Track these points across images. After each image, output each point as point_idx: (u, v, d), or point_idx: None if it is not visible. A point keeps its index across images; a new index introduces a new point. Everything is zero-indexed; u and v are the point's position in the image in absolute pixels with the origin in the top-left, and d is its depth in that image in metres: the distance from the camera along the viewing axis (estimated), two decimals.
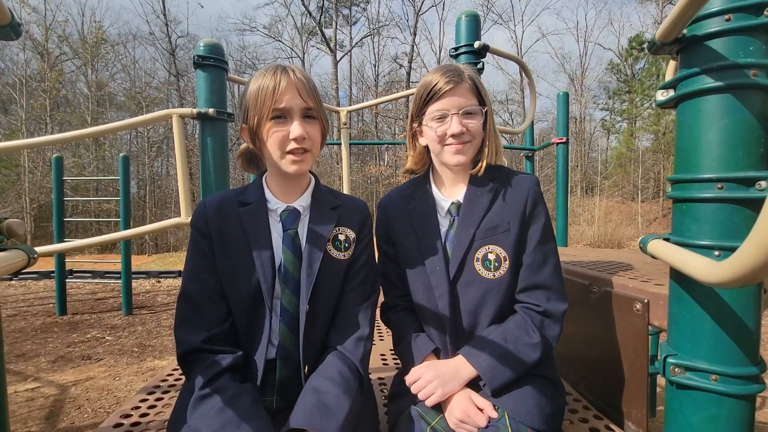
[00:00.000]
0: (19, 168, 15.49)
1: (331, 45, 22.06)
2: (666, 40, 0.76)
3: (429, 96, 0.91)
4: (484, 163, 0.93)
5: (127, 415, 1.07)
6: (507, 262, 0.89)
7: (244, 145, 0.91)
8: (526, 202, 0.90)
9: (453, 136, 0.89)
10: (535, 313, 0.88)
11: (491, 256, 0.89)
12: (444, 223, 0.95)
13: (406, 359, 0.93)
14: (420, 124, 0.96)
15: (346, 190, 3.18)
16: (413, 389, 0.84)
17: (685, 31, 0.74)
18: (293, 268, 0.82)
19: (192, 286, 0.80)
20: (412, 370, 0.88)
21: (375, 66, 23.93)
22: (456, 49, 2.08)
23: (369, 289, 0.91)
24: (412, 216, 0.97)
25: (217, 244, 0.82)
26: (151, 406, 1.13)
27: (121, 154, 5.21)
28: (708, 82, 0.71)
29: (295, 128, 0.78)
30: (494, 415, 0.79)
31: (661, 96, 0.80)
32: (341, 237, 0.88)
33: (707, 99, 0.72)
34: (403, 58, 23.30)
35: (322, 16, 22.29)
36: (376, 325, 2.04)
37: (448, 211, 0.95)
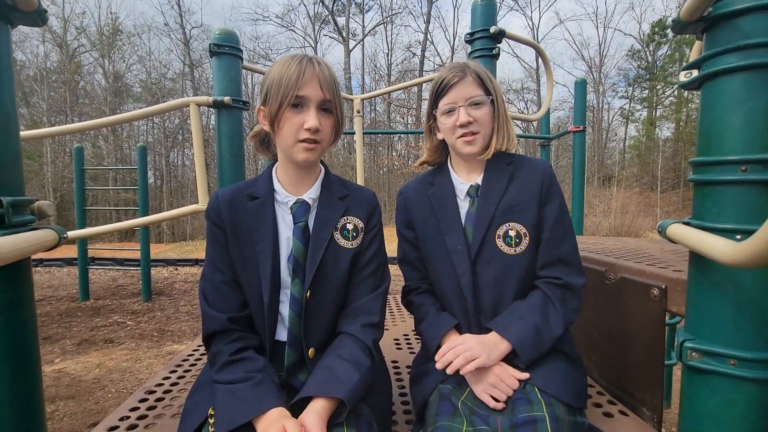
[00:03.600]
0: (42, 158, 15.93)
1: (344, 34, 21.91)
2: (691, 19, 0.74)
3: (438, 92, 0.97)
4: (492, 149, 0.96)
5: (151, 391, 1.11)
6: (527, 238, 0.93)
7: (258, 127, 0.92)
8: (542, 183, 0.95)
9: (461, 126, 0.93)
10: (556, 286, 0.91)
11: (512, 233, 0.93)
12: (464, 205, 0.99)
13: (428, 335, 0.95)
14: (435, 120, 1.01)
15: (359, 180, 3.18)
16: (453, 353, 0.84)
17: (710, 8, 0.72)
18: (302, 259, 0.84)
19: (214, 275, 0.84)
20: (453, 338, 0.90)
21: (388, 55, 23.70)
22: (471, 34, 2.05)
23: (380, 279, 0.92)
24: (432, 200, 1.01)
25: (230, 237, 0.85)
26: (174, 384, 1.17)
27: (138, 144, 5.31)
28: (734, 61, 0.69)
29: (311, 119, 0.79)
30: (525, 375, 0.83)
31: (685, 77, 0.78)
32: (349, 226, 0.89)
33: (733, 78, 0.70)
34: (417, 46, 23.02)
35: (335, 5, 22.12)
36: (388, 310, 2.07)
37: (468, 193, 0.99)
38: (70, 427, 2.32)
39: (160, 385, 1.16)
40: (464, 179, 1.01)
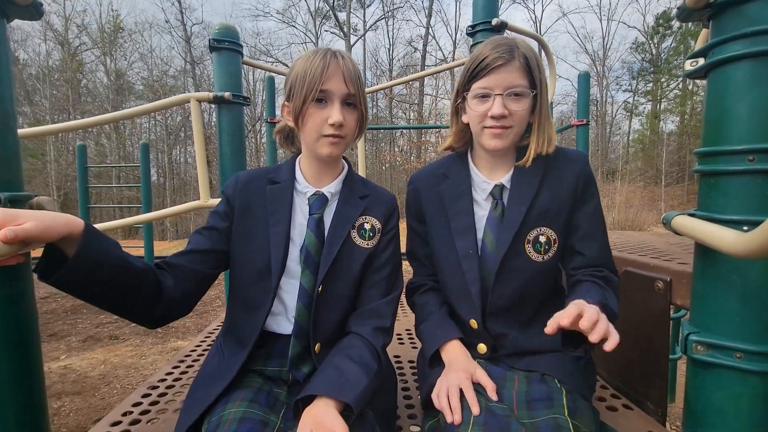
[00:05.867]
0: (45, 157, 16.00)
1: (345, 29, 21.81)
2: (697, 6, 0.72)
3: (475, 71, 0.84)
4: (533, 153, 0.86)
5: (154, 387, 1.12)
6: (556, 245, 0.88)
7: (282, 123, 0.92)
8: (577, 182, 0.87)
9: (493, 117, 0.82)
10: (599, 277, 0.86)
11: (542, 239, 0.87)
12: (485, 206, 0.91)
13: (427, 338, 0.92)
14: (464, 100, 0.89)
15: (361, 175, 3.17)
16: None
17: None
18: (315, 252, 0.83)
19: (194, 235, 0.86)
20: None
21: (389, 50, 23.60)
22: (473, 26, 2.02)
23: (393, 284, 0.91)
24: (444, 196, 0.94)
25: (239, 217, 0.85)
26: (177, 379, 1.18)
27: (141, 142, 5.32)
28: (741, 48, 0.67)
29: (335, 113, 0.79)
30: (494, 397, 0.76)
31: (690, 65, 0.77)
32: (367, 226, 0.89)
33: (740, 66, 0.68)
34: (418, 41, 22.91)
35: (336, 0, 22.01)
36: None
37: (491, 193, 0.90)
38: (76, 423, 2.34)
39: (163, 380, 1.16)
40: (487, 176, 0.91)
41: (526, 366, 0.86)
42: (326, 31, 23.23)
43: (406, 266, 1.00)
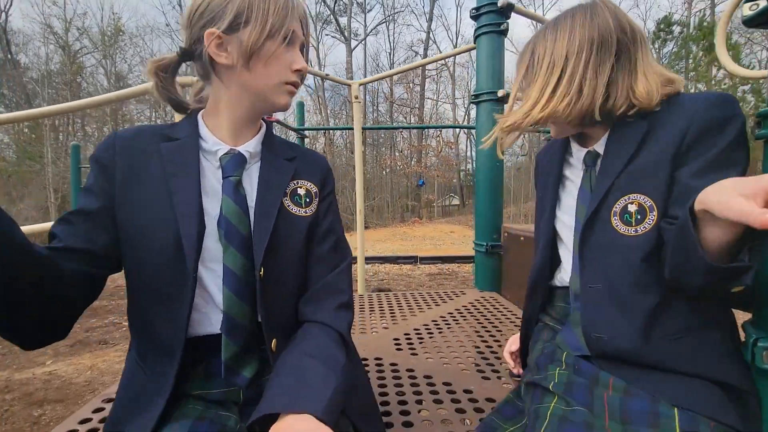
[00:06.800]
0: (43, 159, 15.95)
1: (346, 33, 21.86)
2: None
3: None
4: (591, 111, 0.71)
5: (110, 400, 0.98)
6: (654, 213, 0.67)
7: (171, 55, 0.71)
8: (687, 130, 0.65)
9: None
10: None
11: (632, 207, 0.69)
12: (579, 176, 0.80)
13: None
14: None
15: (359, 175, 3.05)
16: None
17: None
18: (238, 222, 0.66)
19: (58, 225, 0.62)
20: None
21: (390, 54, 23.64)
22: (477, 9, 1.91)
23: (341, 254, 0.78)
24: (544, 167, 0.90)
25: (123, 186, 0.64)
26: None
27: None
28: None
29: (301, 59, 0.69)
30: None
31: (750, 10, 0.63)
32: (301, 191, 0.74)
33: None
34: (419, 45, 22.94)
35: (336, 4, 22.09)
36: (389, 306, 1.91)
37: (583, 161, 0.78)
38: None
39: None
40: (581, 143, 0.81)
41: (627, 377, 0.67)
42: (327, 35, 23.34)
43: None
